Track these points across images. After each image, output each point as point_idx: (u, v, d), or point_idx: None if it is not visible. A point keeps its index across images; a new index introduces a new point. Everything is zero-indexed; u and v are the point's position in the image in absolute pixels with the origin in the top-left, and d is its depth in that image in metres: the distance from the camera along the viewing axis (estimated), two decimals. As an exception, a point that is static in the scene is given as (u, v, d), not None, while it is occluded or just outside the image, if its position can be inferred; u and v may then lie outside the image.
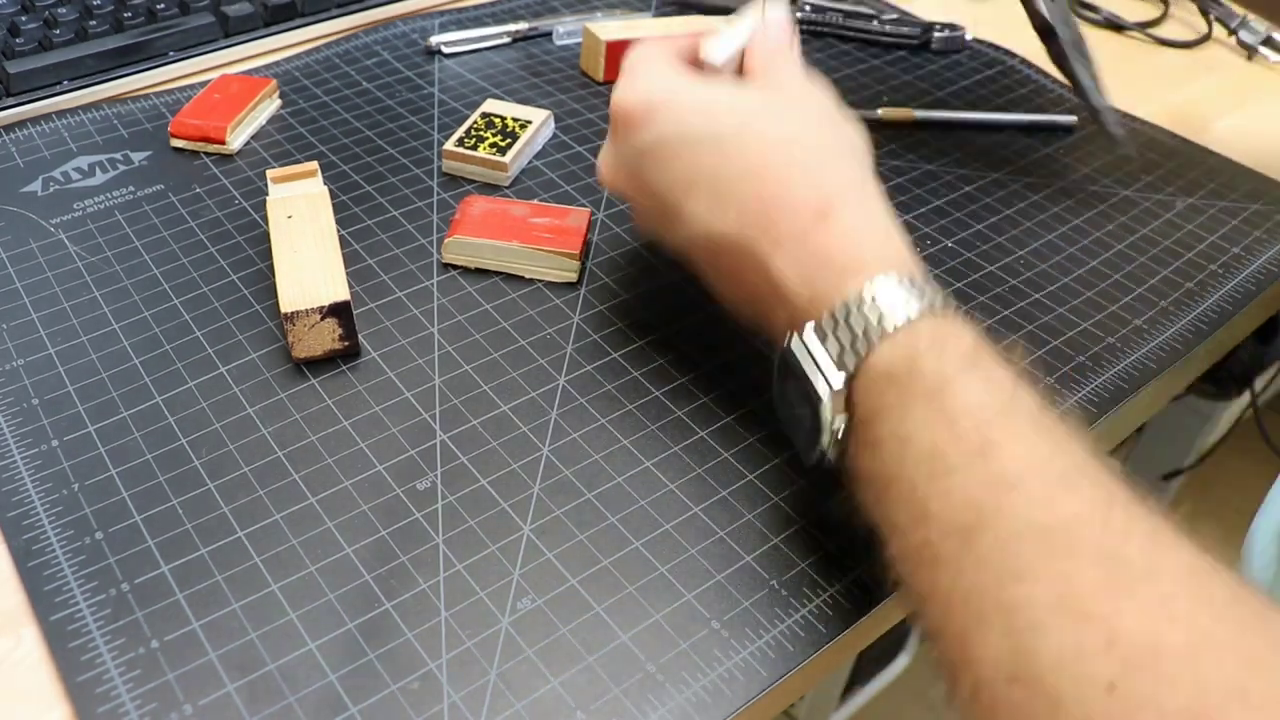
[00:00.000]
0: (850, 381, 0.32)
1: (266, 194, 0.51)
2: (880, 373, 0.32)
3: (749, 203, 0.36)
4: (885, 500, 0.31)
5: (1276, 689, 0.23)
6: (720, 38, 0.45)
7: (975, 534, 0.28)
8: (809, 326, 0.34)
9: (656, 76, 0.41)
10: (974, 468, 0.29)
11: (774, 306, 0.36)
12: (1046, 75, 0.70)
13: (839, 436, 0.33)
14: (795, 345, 0.34)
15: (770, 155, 0.37)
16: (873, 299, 0.32)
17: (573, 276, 0.49)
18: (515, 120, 0.58)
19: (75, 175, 0.55)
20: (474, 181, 0.56)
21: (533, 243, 0.49)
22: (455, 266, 0.50)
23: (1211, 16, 0.77)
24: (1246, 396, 1.10)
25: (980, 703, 0.27)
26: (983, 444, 0.29)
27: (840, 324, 0.32)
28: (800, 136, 0.37)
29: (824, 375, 0.32)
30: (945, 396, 0.30)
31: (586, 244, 0.50)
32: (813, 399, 0.33)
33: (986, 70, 0.70)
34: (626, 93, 0.41)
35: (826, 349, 0.32)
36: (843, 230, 0.35)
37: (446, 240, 0.49)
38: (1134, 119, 0.66)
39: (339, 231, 0.51)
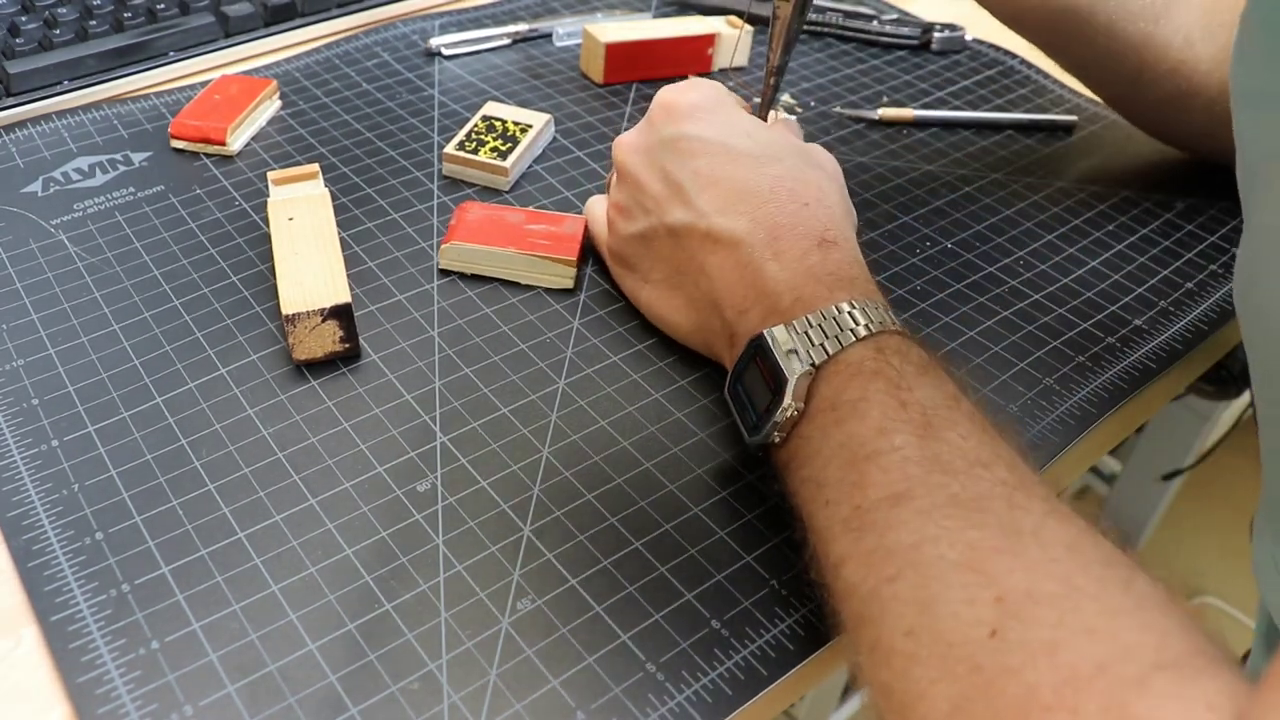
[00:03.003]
0: (816, 369, 0.36)
1: (267, 195, 0.51)
2: (850, 363, 0.36)
3: (764, 218, 0.41)
4: (827, 473, 0.34)
5: (1121, 629, 0.27)
6: None
7: (904, 500, 0.32)
8: (792, 320, 0.38)
9: (711, 90, 0.47)
10: (914, 445, 0.33)
11: (748, 308, 0.40)
12: (1046, 75, 0.70)
13: (790, 416, 0.36)
14: (770, 334, 0.37)
15: (794, 186, 0.42)
16: (850, 311, 0.37)
17: (569, 283, 0.49)
18: (516, 124, 0.58)
19: (75, 176, 0.55)
20: (474, 185, 0.56)
21: (529, 249, 0.49)
22: (452, 272, 0.50)
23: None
24: (1246, 396, 1.10)
25: (878, 653, 0.30)
26: (925, 428, 0.33)
27: (817, 325, 0.37)
28: (820, 182, 0.43)
29: (792, 364, 0.36)
30: (902, 388, 0.35)
31: (583, 250, 0.50)
32: (779, 379, 0.36)
33: (986, 70, 0.70)
34: (679, 91, 0.47)
35: (801, 340, 0.37)
36: (836, 260, 0.40)
37: (443, 246, 0.49)
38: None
39: (339, 234, 0.51)
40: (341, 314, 0.43)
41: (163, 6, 0.64)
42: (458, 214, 0.51)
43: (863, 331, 0.36)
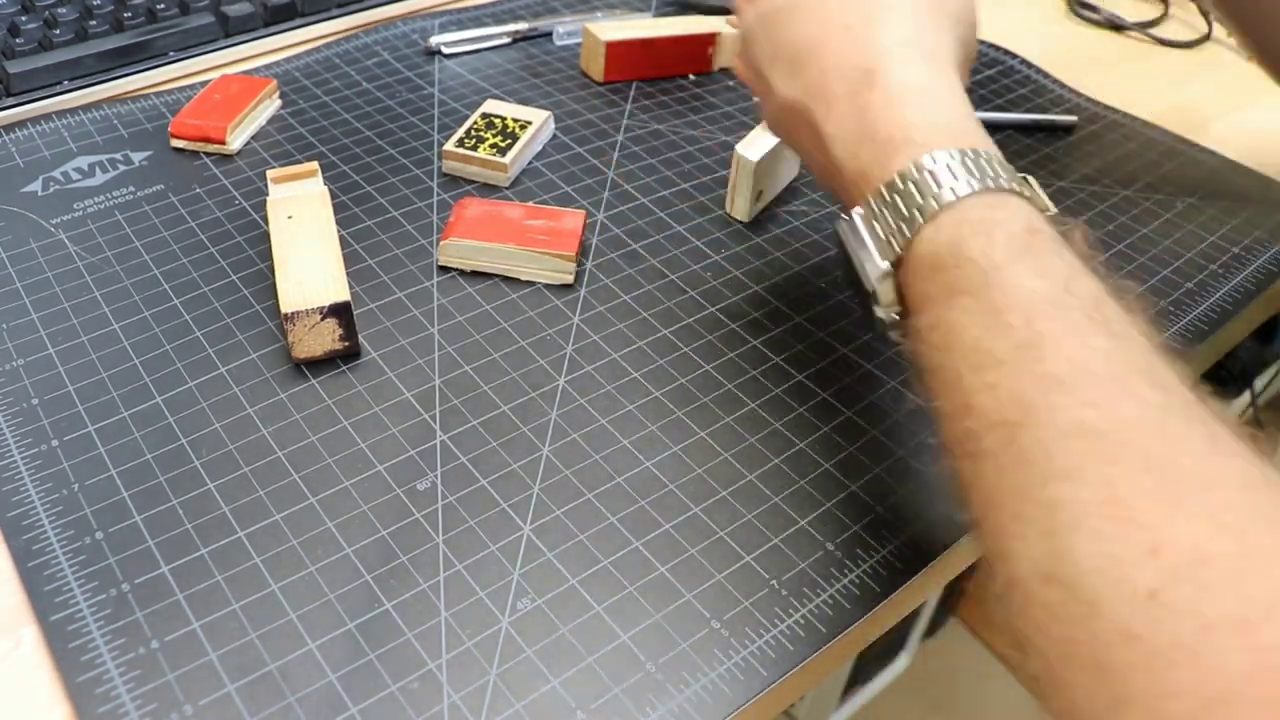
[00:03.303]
0: (897, 266, 0.30)
1: (267, 194, 0.51)
2: (924, 258, 0.30)
3: (813, 68, 0.35)
4: (934, 386, 0.30)
5: None
6: (755, 139, 0.53)
7: (1020, 430, 0.27)
8: (857, 212, 0.32)
9: None
10: (1021, 363, 0.27)
11: (834, 177, 0.35)
12: (1046, 75, 0.70)
13: (895, 318, 0.31)
14: (842, 227, 0.32)
15: (835, 17, 0.35)
16: (918, 175, 0.30)
17: (569, 278, 0.49)
18: (515, 121, 0.58)
19: (75, 175, 0.55)
20: (474, 182, 0.56)
21: (528, 245, 0.49)
22: (452, 269, 0.50)
23: (1211, 16, 0.77)
24: (1246, 396, 1.10)
25: (1014, 599, 0.26)
26: (1032, 338, 0.27)
27: (888, 203, 0.30)
28: None
29: (869, 266, 0.31)
30: (992, 286, 0.28)
31: (583, 246, 0.50)
32: (865, 284, 0.32)
33: (986, 70, 0.70)
34: None
35: (873, 232, 0.31)
36: (891, 92, 0.32)
37: (442, 243, 0.49)
38: (1134, 119, 0.66)
39: (339, 232, 0.51)
40: (341, 312, 0.43)
41: (163, 6, 0.64)
42: (457, 210, 0.51)
43: (933, 204, 0.29)
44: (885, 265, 0.30)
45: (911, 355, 0.32)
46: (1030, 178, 0.31)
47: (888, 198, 0.30)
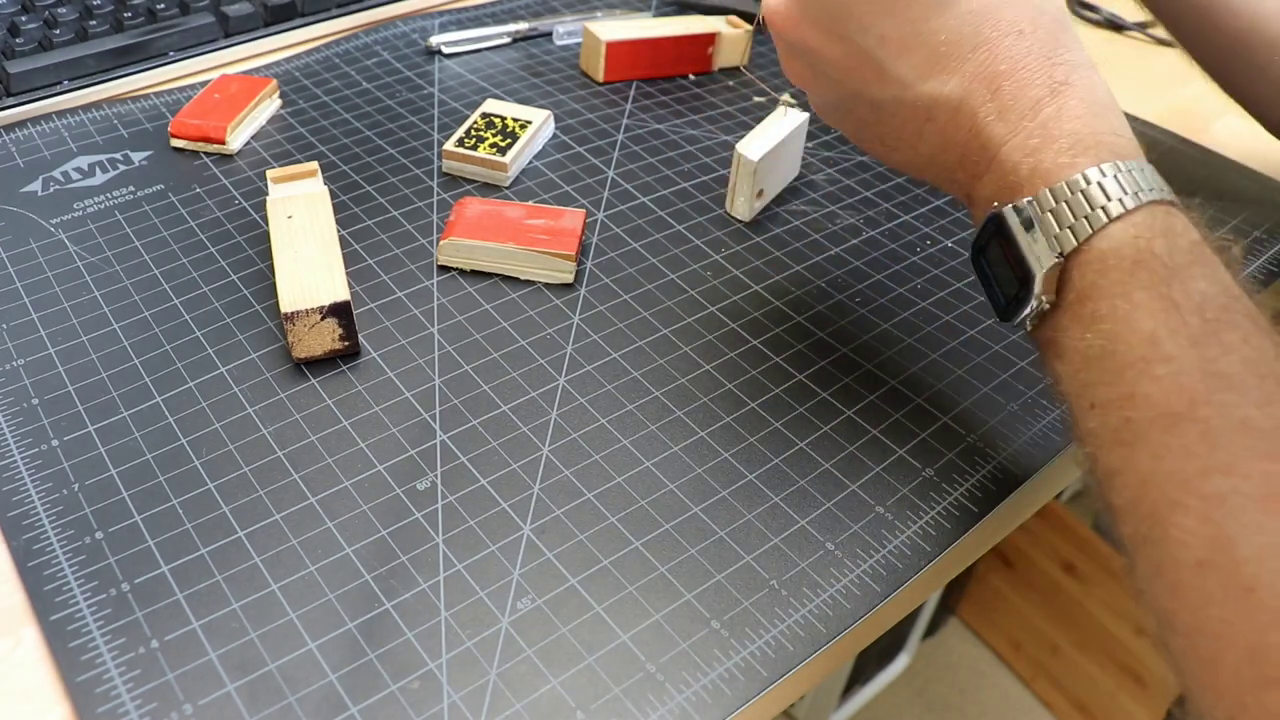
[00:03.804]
0: (1065, 258, 0.32)
1: (266, 194, 0.51)
2: (1103, 254, 0.31)
3: (976, 68, 0.35)
4: (1089, 375, 0.31)
5: None
6: (755, 139, 0.54)
7: (1184, 422, 0.28)
8: (1028, 200, 0.33)
9: None
10: (1191, 357, 0.29)
11: (982, 174, 0.35)
12: (1046, 75, 0.70)
13: (1040, 310, 0.33)
14: (1010, 215, 0.33)
15: (1003, 13, 0.35)
16: (1100, 181, 0.31)
17: (568, 278, 0.49)
18: (515, 120, 0.58)
19: (75, 175, 0.55)
20: (474, 181, 0.56)
21: (528, 244, 0.49)
22: (452, 268, 0.50)
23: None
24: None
25: (1164, 580, 0.27)
26: (1203, 334, 0.29)
27: (1061, 202, 0.32)
28: (1031, 3, 0.35)
29: (1037, 251, 0.32)
30: (1171, 284, 0.30)
31: (583, 245, 0.50)
32: (1025, 271, 0.33)
33: (986, 70, 0.70)
34: None
35: (1044, 224, 0.32)
36: (1074, 107, 0.33)
37: (441, 242, 0.49)
38: (1134, 119, 0.66)
39: (339, 231, 0.51)
40: (340, 312, 0.43)
41: (163, 6, 0.64)
42: (456, 209, 0.51)
43: (1116, 208, 0.31)
44: (1054, 255, 0.31)
45: (1052, 345, 0.33)
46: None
47: (1070, 194, 0.31)
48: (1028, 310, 0.33)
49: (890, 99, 0.37)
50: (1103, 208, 0.31)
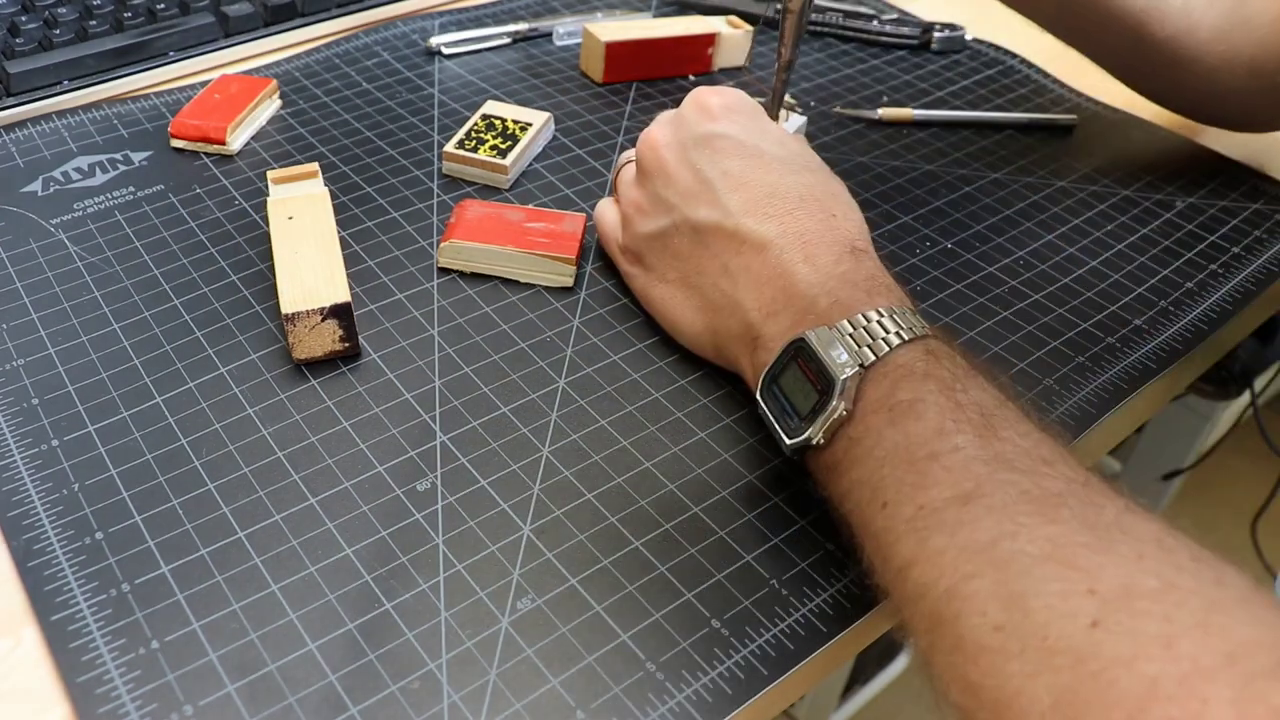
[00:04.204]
0: (865, 369, 0.36)
1: (267, 194, 0.51)
2: (898, 365, 0.36)
3: (793, 224, 0.41)
4: (883, 473, 0.34)
5: (1234, 625, 0.26)
6: None
7: (973, 500, 0.31)
8: (828, 326, 0.37)
9: (744, 97, 0.47)
10: (976, 445, 0.33)
11: (778, 311, 0.40)
12: (1046, 75, 0.70)
13: (838, 418, 0.36)
14: (814, 335, 0.37)
15: (822, 196, 0.43)
16: (892, 315, 0.37)
17: (568, 281, 0.49)
18: (515, 122, 0.58)
19: (75, 175, 0.55)
20: (474, 183, 0.56)
21: (528, 247, 0.49)
22: (452, 270, 0.50)
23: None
24: (1246, 396, 1.10)
25: (963, 652, 0.29)
26: (984, 427, 0.33)
27: (859, 329, 0.37)
28: (845, 197, 0.44)
29: (840, 363, 0.36)
30: (955, 389, 0.35)
31: (583, 248, 0.50)
32: (826, 379, 0.36)
33: (986, 70, 0.70)
34: (713, 92, 0.47)
35: (845, 343, 0.37)
36: (869, 266, 0.40)
37: (442, 244, 0.49)
38: (1134, 118, 0.66)
39: (339, 233, 0.51)
40: (341, 313, 0.43)
41: (163, 6, 0.64)
42: (457, 212, 0.51)
43: (906, 335, 0.36)
44: (857, 364, 0.36)
45: (841, 461, 0.36)
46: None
47: (867, 323, 0.37)
48: (823, 422, 0.36)
49: (713, 224, 0.43)
50: (896, 332, 0.37)
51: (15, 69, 0.58)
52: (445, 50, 0.67)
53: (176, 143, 0.57)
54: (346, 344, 0.44)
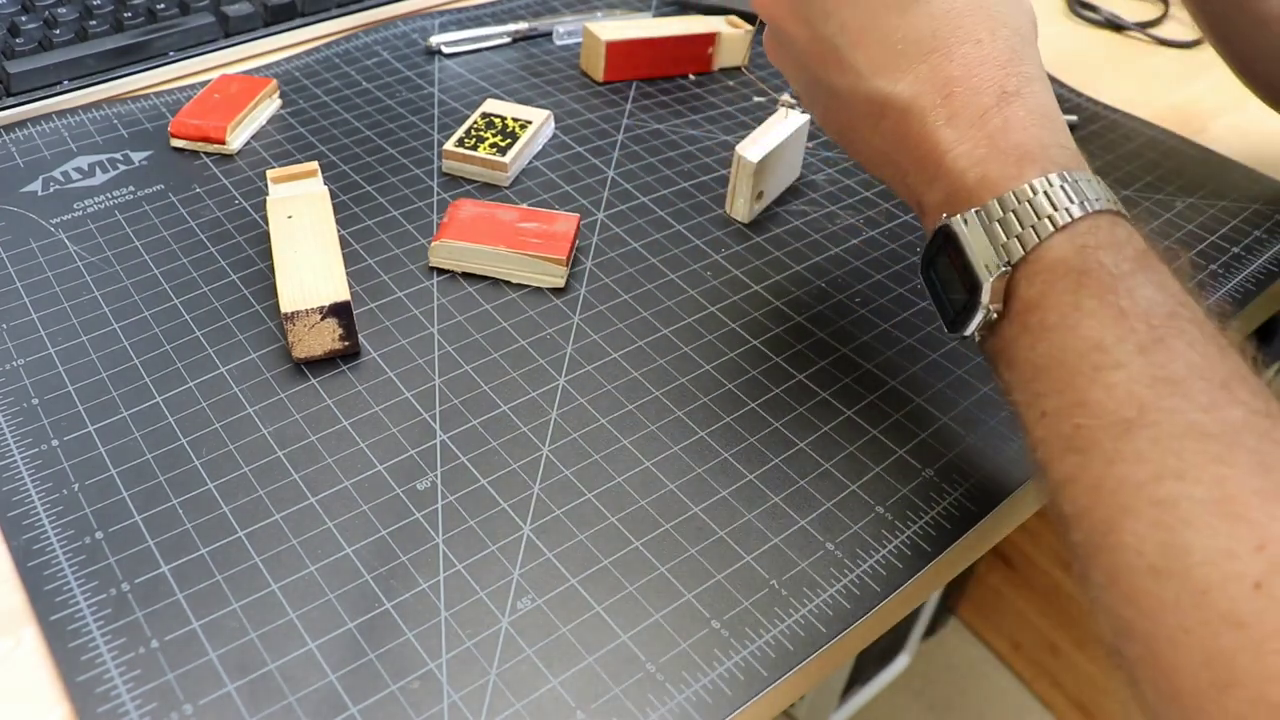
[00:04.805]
0: (1013, 268, 0.32)
1: (266, 194, 0.51)
2: (1050, 263, 0.32)
3: (930, 70, 0.35)
4: (1040, 383, 0.31)
5: None
6: (755, 141, 0.53)
7: (1135, 428, 0.28)
8: (975, 210, 0.33)
9: None
10: (1140, 364, 0.29)
11: (931, 179, 0.36)
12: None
13: (989, 319, 0.33)
14: (958, 225, 0.33)
15: (960, 18, 0.35)
16: (1046, 191, 0.32)
17: (559, 282, 0.49)
18: (515, 120, 0.58)
19: (75, 175, 0.55)
20: (474, 181, 0.56)
21: (519, 248, 0.49)
22: (443, 271, 0.50)
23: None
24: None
25: (1118, 588, 0.27)
26: (1151, 341, 0.29)
27: (1009, 212, 0.32)
28: (990, 7, 0.36)
29: (985, 260, 0.32)
30: (1119, 293, 0.30)
31: (581, 246, 0.50)
32: (972, 280, 0.33)
33: (986, 70, 0.70)
34: None
35: (991, 234, 0.32)
36: (1022, 117, 0.34)
37: (433, 244, 0.49)
38: (1134, 119, 0.66)
39: (339, 231, 0.51)
40: (341, 312, 0.43)
41: (163, 6, 0.64)
42: (450, 211, 0.51)
43: (1062, 217, 0.32)
44: (1002, 264, 0.32)
45: (1001, 355, 0.33)
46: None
47: (1017, 204, 0.32)
48: (976, 320, 0.33)
49: (846, 88, 0.37)
50: (1049, 217, 0.31)
51: (15, 69, 0.58)
52: (445, 50, 0.67)
53: (176, 142, 0.57)
54: (346, 343, 0.44)
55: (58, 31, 0.61)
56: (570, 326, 0.47)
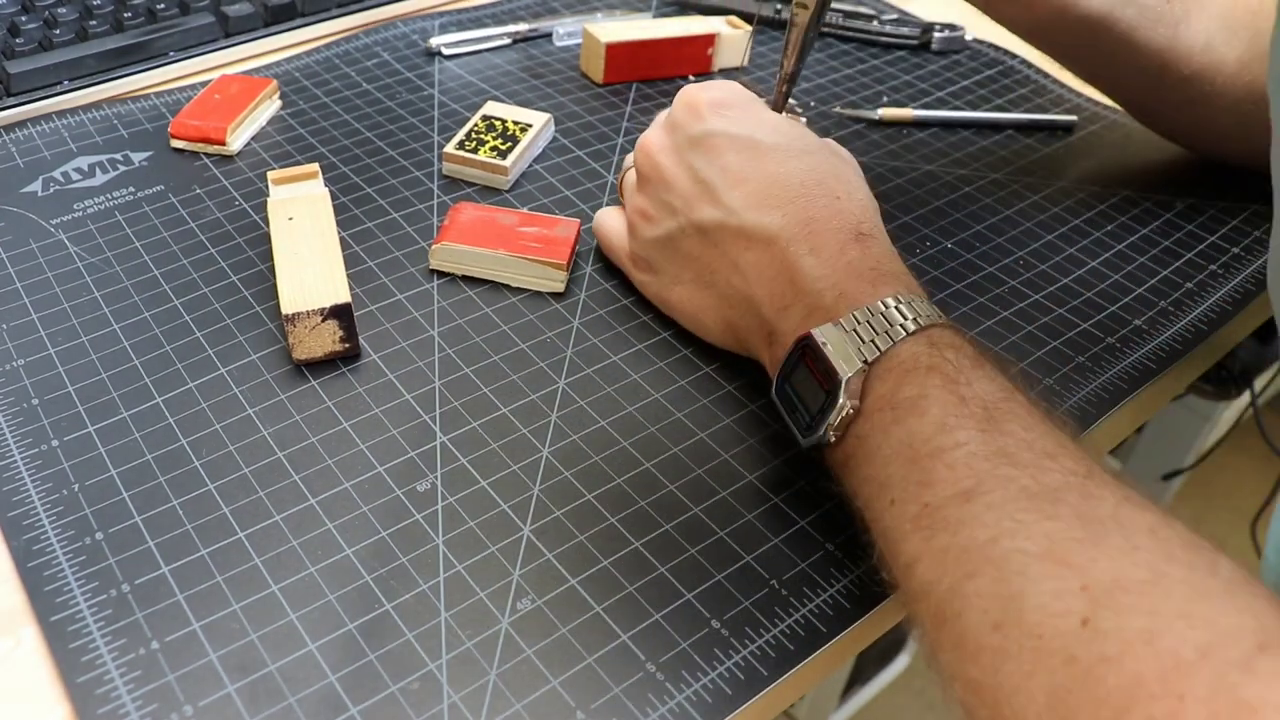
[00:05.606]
0: (869, 365, 0.36)
1: (267, 195, 0.51)
2: (903, 359, 0.36)
3: (798, 212, 0.41)
4: (890, 470, 0.34)
5: (1217, 614, 0.26)
6: None
7: (974, 497, 0.31)
8: (833, 322, 0.37)
9: (733, 88, 0.47)
10: (978, 440, 0.33)
11: (788, 306, 0.40)
12: (1046, 75, 0.70)
13: (845, 416, 0.36)
14: (819, 334, 0.37)
15: (824, 179, 0.42)
16: (898, 306, 0.37)
17: (559, 286, 0.49)
18: (516, 123, 0.58)
19: (75, 175, 0.55)
20: (474, 184, 0.56)
21: (520, 251, 0.49)
22: (444, 273, 0.50)
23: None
24: (1246, 396, 1.10)
25: (964, 649, 0.30)
26: (988, 421, 0.33)
27: (865, 322, 0.37)
28: (848, 175, 0.44)
29: (844, 358, 0.36)
30: (960, 383, 0.35)
31: (580, 251, 0.50)
32: (832, 379, 0.36)
33: (986, 70, 0.70)
34: (702, 89, 0.46)
35: (850, 338, 0.37)
36: (875, 253, 0.40)
37: (433, 247, 0.49)
38: (1134, 119, 0.66)
39: (339, 233, 0.51)
40: (341, 313, 0.43)
41: (163, 6, 0.64)
42: (450, 214, 0.51)
43: (911, 326, 0.36)
44: (861, 361, 0.36)
45: (853, 456, 0.36)
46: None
47: (872, 315, 0.37)
48: (832, 418, 0.36)
49: (717, 223, 0.43)
50: (900, 325, 0.36)
51: (15, 69, 0.58)
52: (445, 51, 0.67)
53: (176, 143, 0.57)
54: (346, 344, 0.44)
55: (58, 31, 0.61)
56: (570, 330, 0.47)
